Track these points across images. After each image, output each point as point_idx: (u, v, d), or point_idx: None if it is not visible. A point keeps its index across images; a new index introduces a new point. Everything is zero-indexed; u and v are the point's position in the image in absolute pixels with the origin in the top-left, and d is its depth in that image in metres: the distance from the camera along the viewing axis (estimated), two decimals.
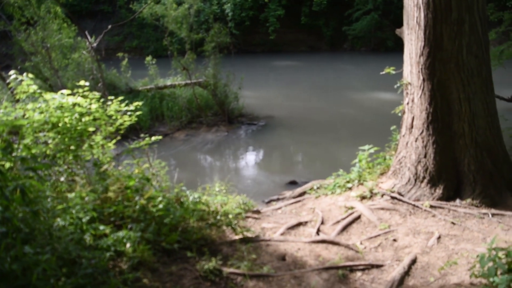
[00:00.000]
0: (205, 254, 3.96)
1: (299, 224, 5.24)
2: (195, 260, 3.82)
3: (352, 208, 5.50)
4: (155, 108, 13.30)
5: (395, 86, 5.89)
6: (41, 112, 4.23)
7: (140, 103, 5.22)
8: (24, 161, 3.08)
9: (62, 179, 4.25)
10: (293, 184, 8.65)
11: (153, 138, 5.15)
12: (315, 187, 6.98)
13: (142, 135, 5.71)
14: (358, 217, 5.24)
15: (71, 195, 3.77)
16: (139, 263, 3.45)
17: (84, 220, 3.43)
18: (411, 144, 5.63)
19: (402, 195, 5.55)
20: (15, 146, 3.71)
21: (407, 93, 5.69)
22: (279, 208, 6.25)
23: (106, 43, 27.74)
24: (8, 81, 5.60)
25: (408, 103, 5.68)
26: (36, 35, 11.84)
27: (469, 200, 5.28)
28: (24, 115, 4.20)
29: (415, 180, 5.56)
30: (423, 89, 5.39)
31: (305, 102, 16.76)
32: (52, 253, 2.77)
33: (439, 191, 5.41)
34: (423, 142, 5.48)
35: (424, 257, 4.26)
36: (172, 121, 13.16)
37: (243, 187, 8.74)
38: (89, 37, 12.12)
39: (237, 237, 4.58)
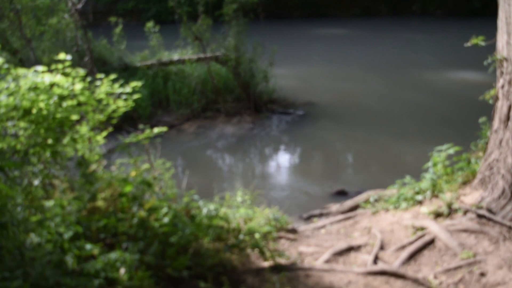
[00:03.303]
0: (223, 285, 3.98)
1: (349, 249, 5.22)
2: None
3: (422, 229, 5.44)
4: (157, 90, 13.45)
5: (485, 63, 5.78)
6: (10, 95, 4.31)
7: (138, 84, 5.27)
8: None
9: (36, 182, 4.32)
10: (342, 194, 8.62)
11: (156, 130, 5.20)
12: (371, 200, 6.95)
13: (141, 126, 5.76)
14: (431, 242, 5.17)
15: (48, 204, 3.83)
16: None
17: (65, 236, 3.49)
18: (506, 143, 5.51)
19: (493, 213, 5.44)
20: None
21: (502, 73, 5.57)
22: (323, 227, 6.25)
23: (94, 5, 28.21)
24: None
25: (503, 87, 5.55)
26: None
27: None
28: None
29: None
30: None
31: (358, 84, 16.65)
32: (24, 279, 2.82)
33: None
34: None
35: None
36: (180, 108, 13.28)
37: (274, 197, 8.77)
38: None
39: (266, 264, 4.59)
